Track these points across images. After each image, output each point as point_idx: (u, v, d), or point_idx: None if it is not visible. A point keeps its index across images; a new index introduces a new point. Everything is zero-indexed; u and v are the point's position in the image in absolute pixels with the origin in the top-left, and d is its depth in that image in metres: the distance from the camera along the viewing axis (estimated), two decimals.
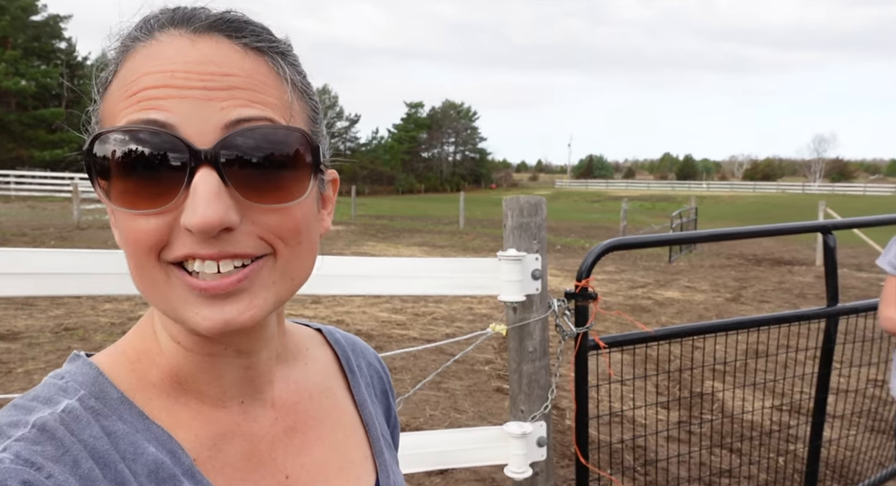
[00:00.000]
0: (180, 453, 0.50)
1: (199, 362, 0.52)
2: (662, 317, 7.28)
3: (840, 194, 54.71)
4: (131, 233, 0.45)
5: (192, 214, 0.43)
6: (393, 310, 7.24)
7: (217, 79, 0.45)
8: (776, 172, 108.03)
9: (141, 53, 0.47)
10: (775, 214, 29.51)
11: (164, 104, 0.44)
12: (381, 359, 0.74)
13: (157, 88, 0.44)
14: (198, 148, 0.43)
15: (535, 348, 1.90)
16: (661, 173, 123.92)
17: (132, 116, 0.44)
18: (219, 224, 0.43)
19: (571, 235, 18.33)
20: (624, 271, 11.12)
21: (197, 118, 0.44)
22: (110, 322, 6.18)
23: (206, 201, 0.42)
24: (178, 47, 0.46)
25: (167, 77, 0.44)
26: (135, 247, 0.45)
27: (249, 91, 0.45)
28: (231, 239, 0.45)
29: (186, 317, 0.46)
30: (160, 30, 0.47)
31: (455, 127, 71.71)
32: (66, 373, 0.51)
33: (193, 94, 0.44)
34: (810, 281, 10.08)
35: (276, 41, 0.50)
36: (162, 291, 0.46)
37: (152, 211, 0.44)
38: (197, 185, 0.43)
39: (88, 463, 0.45)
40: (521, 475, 1.91)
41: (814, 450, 2.65)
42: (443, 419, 4.15)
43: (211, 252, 0.44)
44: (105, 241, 12.49)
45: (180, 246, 0.44)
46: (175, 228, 0.44)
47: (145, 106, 0.44)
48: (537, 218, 1.83)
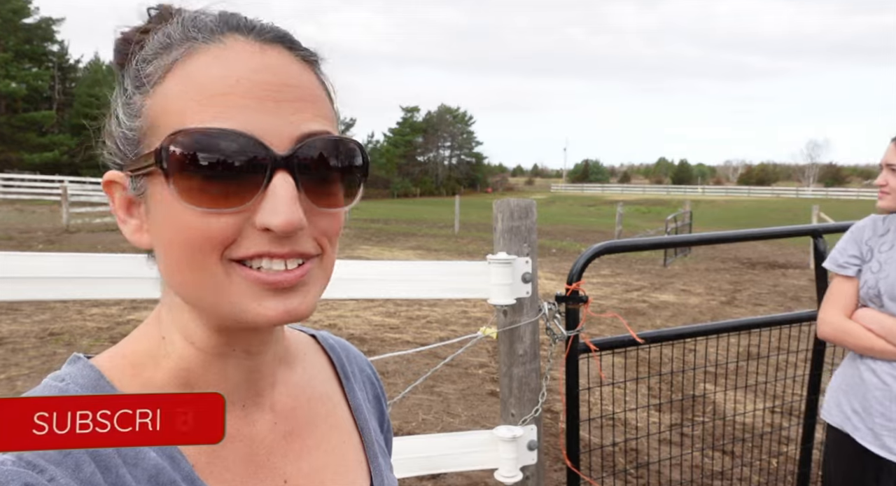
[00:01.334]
0: (180, 458, 0.50)
1: (209, 363, 0.53)
2: (657, 320, 7.29)
3: (834, 199, 55.05)
4: (198, 231, 0.46)
5: (275, 215, 0.45)
6: (386, 314, 7.23)
7: (286, 90, 0.48)
8: (771, 176, 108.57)
9: (209, 55, 0.47)
10: (770, 218, 29.64)
11: (240, 111, 0.46)
12: (373, 365, 0.75)
13: (233, 95, 0.46)
14: (277, 153, 0.46)
15: (526, 352, 1.90)
16: (656, 178, 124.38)
17: (207, 118, 0.45)
18: (298, 226, 0.46)
19: (567, 239, 18.35)
20: (619, 274, 11.14)
21: (272, 126, 0.46)
22: (97, 327, 6.13)
23: (288, 204, 0.45)
24: (250, 55, 0.48)
25: (244, 84, 0.46)
26: (199, 245, 0.46)
27: (312, 104, 0.49)
28: (297, 239, 0.48)
29: (248, 309, 0.47)
30: (224, 33, 0.48)
31: (451, 131, 71.81)
32: (67, 375, 0.51)
33: (268, 105, 0.46)
34: (804, 284, 10.12)
35: (318, 57, 0.53)
36: (218, 286, 0.47)
37: (228, 210, 0.46)
38: (277, 188, 0.46)
39: (90, 467, 0.45)
40: (511, 479, 1.91)
41: (806, 452, 2.65)
42: (435, 424, 4.13)
43: (283, 251, 0.47)
44: (94, 245, 12.44)
45: (250, 245, 0.47)
46: (245, 227, 0.46)
47: (220, 111, 0.45)
48: (528, 221, 1.83)
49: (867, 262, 1.81)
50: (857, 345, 1.78)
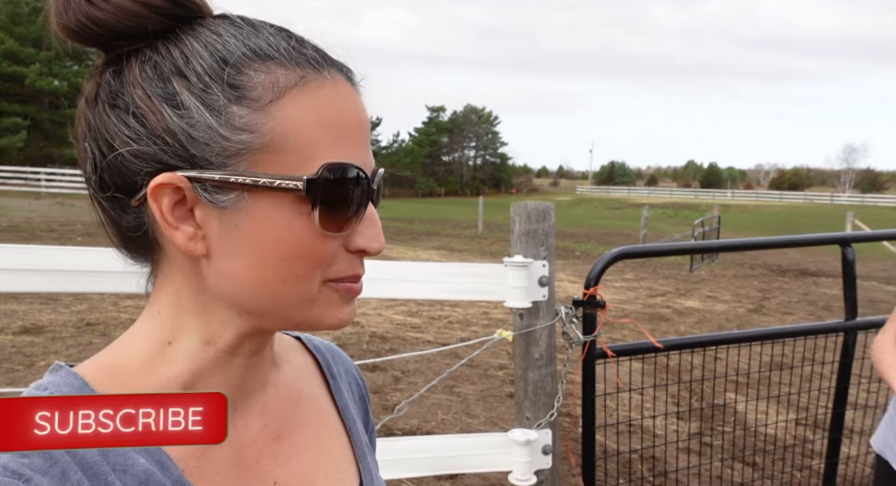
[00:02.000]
0: (169, 463, 0.50)
1: (220, 364, 0.53)
2: (681, 326, 7.18)
3: (870, 206, 53.36)
4: (315, 251, 0.50)
5: (374, 241, 0.53)
6: (408, 313, 7.27)
7: (368, 129, 0.55)
8: (804, 181, 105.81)
9: (327, 90, 0.50)
10: (801, 224, 28.88)
11: (360, 148, 0.52)
12: (357, 367, 0.76)
13: (354, 133, 0.52)
14: (373, 187, 0.53)
15: (542, 356, 1.90)
16: (684, 181, 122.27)
17: (342, 152, 0.50)
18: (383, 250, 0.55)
19: (591, 242, 18.18)
20: (644, 278, 11.00)
21: (367, 163, 0.53)
22: (131, 318, 6.30)
23: (380, 231, 0.54)
24: (352, 93, 0.53)
25: (358, 123, 0.52)
26: (311, 264, 0.51)
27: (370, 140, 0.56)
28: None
29: (328, 317, 0.53)
30: (328, 67, 0.51)
31: (476, 131, 71.72)
32: (49, 384, 0.51)
33: (366, 142, 0.54)
34: (836, 293, 9.84)
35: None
36: (311, 299, 0.52)
37: (339, 234, 0.51)
38: (372, 216, 0.53)
39: (77, 475, 0.45)
40: (525, 482, 1.90)
41: (830, 466, 2.59)
42: (454, 424, 4.14)
43: (363, 271, 0.55)
44: None
45: (346, 266, 0.53)
46: (340, 250, 0.52)
47: (351, 147, 0.51)
48: (545, 224, 1.82)
49: None
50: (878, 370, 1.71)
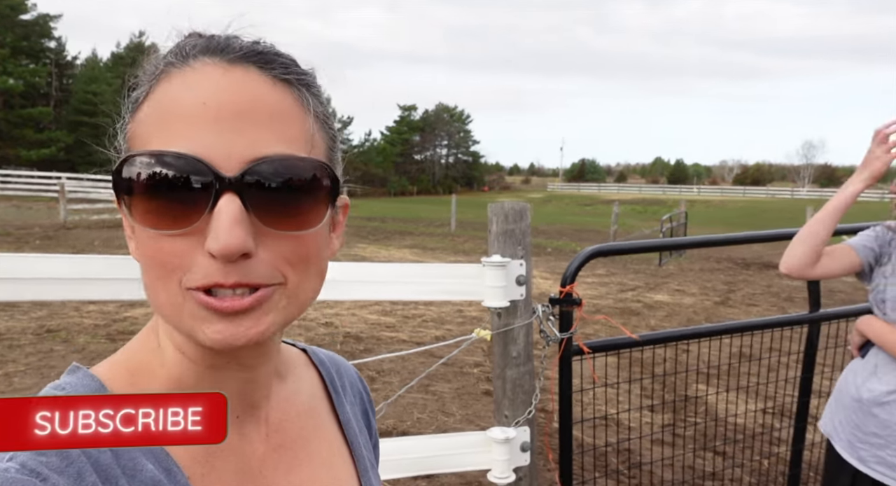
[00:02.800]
0: (176, 471, 0.50)
1: (201, 374, 0.53)
2: (651, 320, 7.32)
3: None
4: (155, 253, 0.47)
5: (216, 240, 0.44)
6: (382, 312, 7.24)
7: (245, 110, 0.47)
8: (766, 176, 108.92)
9: (176, 80, 0.48)
10: (765, 218, 29.73)
11: (196, 133, 0.46)
12: (362, 378, 0.76)
13: (189, 117, 0.46)
14: (223, 174, 0.45)
15: (520, 354, 1.91)
16: (652, 177, 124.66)
17: (164, 141, 0.46)
18: (239, 250, 0.45)
19: (563, 239, 18.38)
20: (614, 274, 11.17)
21: (225, 148, 0.46)
22: (94, 324, 6.12)
23: (229, 227, 0.44)
24: (211, 77, 0.48)
25: (199, 105, 0.46)
26: (157, 265, 0.47)
27: (275, 125, 0.48)
28: (248, 266, 0.46)
29: (197, 332, 0.47)
30: (194, 57, 0.49)
31: (448, 130, 71.77)
32: (67, 384, 0.52)
33: (223, 124, 0.46)
34: (798, 285, 10.15)
35: (303, 73, 0.52)
36: (177, 308, 0.48)
37: (176, 232, 0.45)
38: (220, 210, 0.45)
39: (92, 477, 0.46)
40: (504, 480, 1.92)
41: (796, 453, 2.67)
42: (430, 423, 4.15)
43: (231, 281, 0.46)
44: (91, 241, 12.40)
45: (202, 274, 0.46)
46: (195, 252, 0.46)
47: (177, 133, 0.46)
48: (522, 224, 1.84)
49: (882, 265, 1.78)
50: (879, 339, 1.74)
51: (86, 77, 42.98)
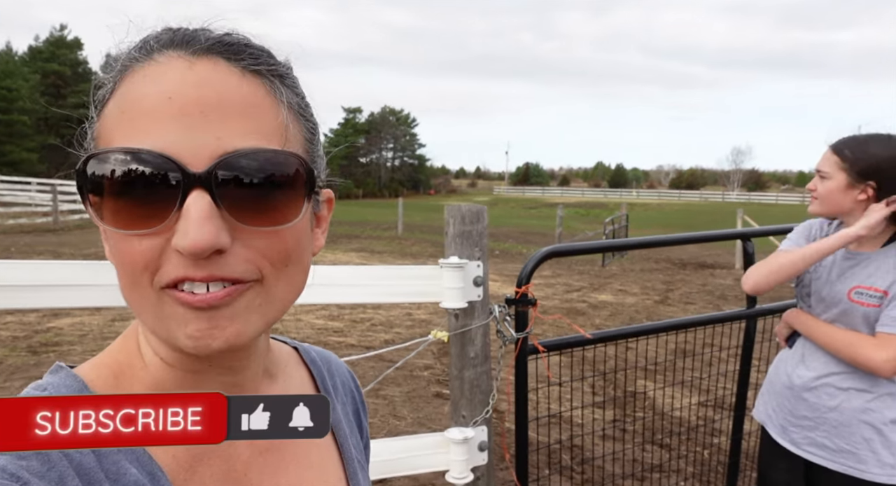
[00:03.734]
0: (160, 475, 0.49)
1: (181, 379, 0.52)
2: (596, 319, 7.53)
3: (756, 203, 58.66)
4: (125, 253, 0.45)
5: (184, 237, 0.43)
6: (329, 317, 7.12)
7: (213, 103, 0.45)
8: (699, 181, 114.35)
9: (139, 74, 0.47)
10: (700, 220, 31.17)
11: (161, 128, 0.44)
12: (355, 376, 0.75)
13: (154, 112, 0.44)
14: (191, 170, 0.43)
15: (477, 354, 1.93)
16: (594, 181, 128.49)
17: (128, 137, 0.44)
18: (209, 247, 0.43)
19: (509, 241, 18.66)
20: (560, 275, 11.44)
21: (192, 143, 0.44)
22: (13, 336, 5.72)
23: (198, 224, 0.43)
24: (176, 70, 0.46)
25: (164, 100, 0.44)
26: (128, 267, 0.46)
27: (244, 118, 0.46)
28: (221, 262, 0.45)
29: (175, 335, 0.46)
30: (159, 51, 0.48)
31: (394, 133, 71.58)
32: (49, 384, 0.50)
33: (190, 119, 0.44)
34: (730, 283, 10.72)
35: (274, 64, 0.50)
36: (154, 310, 0.46)
37: (144, 232, 0.44)
38: (189, 206, 0.43)
39: (74, 481, 0.44)
40: (462, 480, 1.93)
41: (735, 442, 2.81)
42: (382, 427, 4.11)
43: (202, 275, 0.44)
44: (7, 248, 11.61)
45: (172, 269, 0.44)
46: (166, 250, 0.44)
47: (142, 129, 0.44)
48: (479, 226, 1.86)
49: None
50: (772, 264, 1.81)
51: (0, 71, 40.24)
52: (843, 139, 1.75)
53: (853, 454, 1.74)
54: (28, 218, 17.00)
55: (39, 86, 42.02)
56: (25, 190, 21.51)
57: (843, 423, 1.76)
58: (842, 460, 1.76)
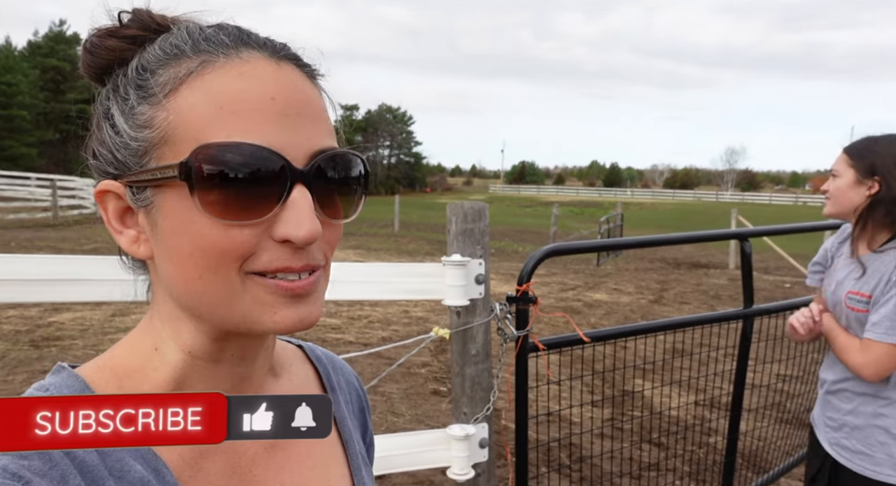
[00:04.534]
0: (165, 471, 0.50)
1: (202, 371, 0.53)
2: (592, 318, 7.56)
3: (749, 203, 58.94)
4: (219, 242, 0.46)
5: (298, 227, 0.46)
6: (328, 313, 7.12)
7: (304, 106, 0.49)
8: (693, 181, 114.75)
9: (230, 70, 0.48)
10: (694, 220, 31.31)
11: (266, 126, 0.47)
12: (359, 377, 0.76)
13: (258, 110, 0.47)
14: (297, 167, 0.47)
15: (479, 351, 1.94)
16: (589, 180, 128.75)
17: (233, 133, 0.46)
18: (317, 237, 0.47)
19: (505, 240, 18.68)
20: (555, 274, 11.47)
21: (291, 142, 0.47)
22: (15, 330, 5.71)
23: (309, 216, 0.47)
24: (268, 71, 0.49)
25: (267, 99, 0.47)
26: (219, 255, 0.47)
27: (322, 120, 0.51)
28: (311, 251, 0.49)
29: (262, 319, 0.48)
30: (239, 48, 0.49)
31: (390, 131, 71.48)
32: (51, 385, 0.51)
33: (288, 119, 0.48)
34: (724, 283, 10.78)
35: (318, 71, 0.54)
36: (234, 297, 0.48)
37: (250, 222, 0.46)
38: (298, 200, 0.47)
39: (76, 479, 0.45)
40: (463, 476, 1.94)
41: (731, 442, 2.83)
42: (380, 424, 4.12)
43: (300, 264, 0.48)
44: (7, 242, 11.54)
45: (270, 259, 0.47)
46: (262, 240, 0.47)
47: (246, 125, 0.46)
48: (481, 224, 1.86)
49: (828, 267, 1.93)
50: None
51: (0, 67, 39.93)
52: (856, 140, 1.79)
53: (869, 457, 1.77)
54: (28, 213, 16.90)
55: (39, 81, 41.74)
56: (25, 185, 21.39)
57: (858, 426, 1.79)
58: (859, 461, 1.80)
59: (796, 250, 12.14)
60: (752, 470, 3.54)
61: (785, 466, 3.32)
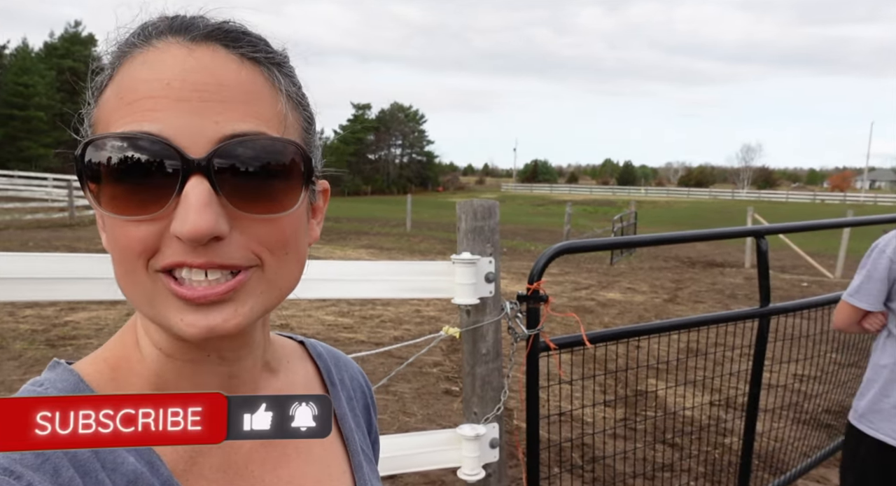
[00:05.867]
0: (159, 464, 0.50)
1: (180, 369, 0.52)
2: (605, 317, 7.50)
3: (766, 201, 58.20)
4: (121, 239, 0.46)
5: (183, 222, 0.43)
6: (340, 313, 7.14)
7: (212, 89, 0.45)
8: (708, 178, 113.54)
9: (138, 60, 0.47)
10: (709, 218, 30.99)
11: (160, 114, 0.44)
12: (365, 374, 0.75)
13: (153, 98, 0.44)
14: (190, 157, 0.43)
15: (489, 351, 1.92)
16: (602, 179, 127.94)
17: (127, 123, 0.44)
18: (208, 233, 0.43)
19: (517, 239, 18.62)
20: (568, 273, 11.40)
21: (191, 129, 0.44)
22: (31, 329, 5.79)
23: (197, 210, 0.42)
24: (175, 56, 0.46)
25: (163, 86, 0.44)
26: (124, 253, 0.46)
27: (244, 104, 0.46)
28: (220, 249, 0.45)
29: (171, 323, 0.46)
30: (158, 37, 0.47)
31: (402, 129, 71.58)
32: (46, 380, 0.51)
33: (189, 105, 0.44)
34: (740, 282, 10.64)
35: (272, 52, 0.51)
36: (148, 296, 0.46)
37: (143, 217, 0.44)
38: (188, 193, 0.43)
39: (69, 472, 0.44)
40: (474, 476, 1.92)
41: (747, 443, 2.79)
42: (392, 423, 4.12)
43: (200, 261, 0.44)
44: (25, 242, 11.73)
45: (170, 254, 0.45)
46: (165, 236, 0.44)
47: (140, 114, 0.44)
48: (491, 222, 1.85)
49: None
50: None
51: (16, 68, 40.59)
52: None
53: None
54: (45, 213, 17.16)
55: (55, 82, 42.41)
56: (42, 186, 21.74)
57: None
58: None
59: (814, 248, 11.96)
60: (769, 472, 3.48)
61: (802, 467, 3.27)
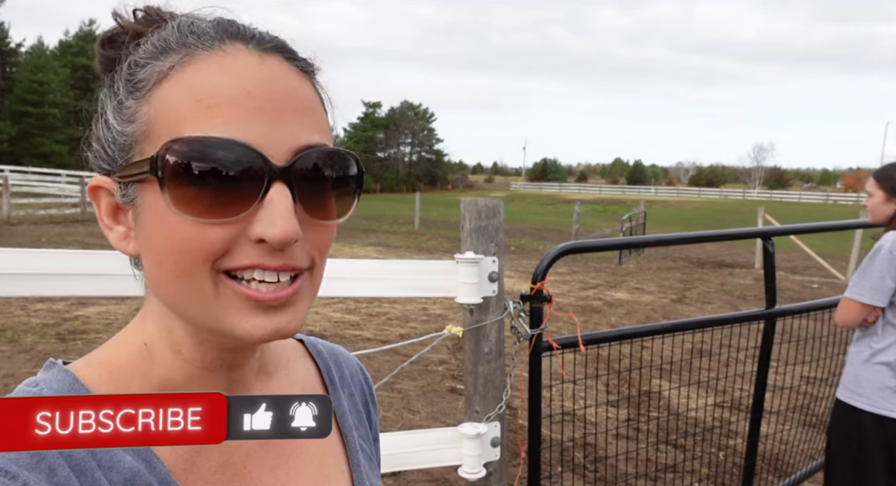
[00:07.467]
0: (156, 462, 0.50)
1: (193, 375, 0.52)
2: (612, 317, 7.48)
3: (777, 201, 57.68)
4: (191, 240, 0.45)
5: (272, 227, 0.44)
6: (346, 310, 7.17)
7: (286, 101, 0.47)
8: (719, 178, 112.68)
9: (210, 63, 0.47)
10: (719, 218, 30.76)
11: (243, 121, 0.45)
12: (365, 370, 0.75)
13: (234, 105, 0.45)
14: (275, 164, 0.45)
15: (491, 350, 1.93)
16: (612, 178, 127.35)
17: (207, 127, 0.45)
18: (294, 237, 0.45)
19: (525, 237, 18.59)
20: (576, 272, 11.37)
21: (272, 137, 0.46)
22: (42, 323, 5.86)
23: (285, 216, 0.44)
24: (249, 64, 0.47)
25: (244, 93, 0.46)
26: (189, 254, 0.45)
27: (310, 116, 0.49)
28: (291, 252, 0.47)
29: (233, 325, 0.47)
30: (224, 41, 0.48)
31: (412, 128, 71.62)
32: (41, 380, 0.51)
33: (266, 114, 0.46)
34: (749, 283, 10.56)
35: (314, 66, 0.53)
36: (205, 298, 0.47)
37: (223, 220, 0.45)
38: (274, 199, 0.45)
39: (65, 471, 0.45)
40: (475, 475, 1.93)
41: (752, 445, 2.78)
42: (396, 421, 4.14)
43: (277, 264, 0.46)
44: (38, 238, 11.87)
45: (243, 256, 0.46)
46: (239, 239, 0.46)
47: (222, 120, 0.45)
48: (495, 221, 1.85)
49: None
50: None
51: (31, 65, 40.99)
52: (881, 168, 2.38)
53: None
54: (58, 209, 17.36)
55: (69, 79, 42.80)
56: (55, 182, 21.97)
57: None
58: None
59: (826, 249, 11.84)
60: (774, 474, 3.47)
61: (808, 470, 3.25)
